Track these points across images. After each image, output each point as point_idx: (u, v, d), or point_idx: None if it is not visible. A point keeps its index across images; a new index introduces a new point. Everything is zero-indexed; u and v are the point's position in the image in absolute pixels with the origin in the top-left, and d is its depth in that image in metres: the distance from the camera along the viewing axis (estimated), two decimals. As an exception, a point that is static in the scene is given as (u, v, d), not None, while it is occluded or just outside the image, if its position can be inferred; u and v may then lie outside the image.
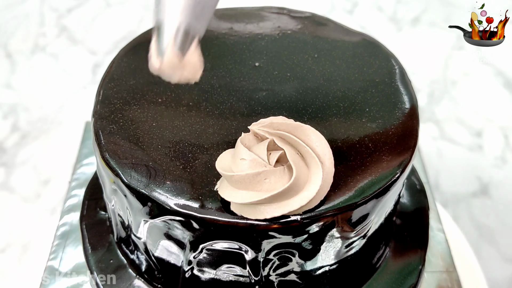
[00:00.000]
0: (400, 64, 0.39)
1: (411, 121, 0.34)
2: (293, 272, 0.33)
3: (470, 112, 0.73)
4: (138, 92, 0.36)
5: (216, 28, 0.42)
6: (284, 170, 0.28)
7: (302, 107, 0.35)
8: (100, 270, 0.38)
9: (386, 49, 0.41)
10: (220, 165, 0.29)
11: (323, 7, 0.92)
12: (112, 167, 0.31)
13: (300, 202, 0.27)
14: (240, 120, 0.34)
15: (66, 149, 0.65)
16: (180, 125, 0.34)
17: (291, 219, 0.28)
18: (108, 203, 0.37)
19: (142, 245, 0.35)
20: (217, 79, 0.37)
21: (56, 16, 0.90)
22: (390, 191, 0.31)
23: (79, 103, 0.73)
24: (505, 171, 0.64)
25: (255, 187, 0.27)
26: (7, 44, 0.84)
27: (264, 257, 0.31)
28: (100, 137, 0.33)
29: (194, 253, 0.32)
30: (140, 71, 0.38)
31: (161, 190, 0.29)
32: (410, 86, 0.37)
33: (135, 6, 0.93)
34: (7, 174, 0.62)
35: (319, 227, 0.29)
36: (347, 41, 0.41)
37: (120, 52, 0.41)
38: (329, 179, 0.29)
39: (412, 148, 0.33)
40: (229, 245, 0.30)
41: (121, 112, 0.34)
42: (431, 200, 0.45)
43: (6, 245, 0.55)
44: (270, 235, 0.29)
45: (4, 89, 0.75)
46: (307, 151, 0.28)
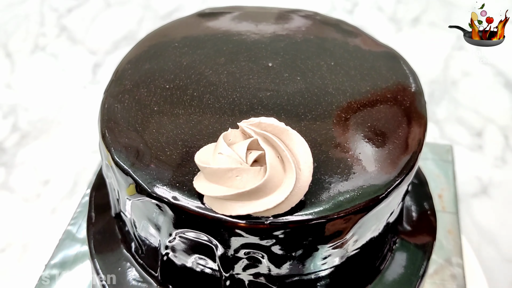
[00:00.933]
0: (418, 83, 0.37)
1: (412, 144, 0.33)
2: (263, 275, 0.33)
3: (470, 112, 0.73)
4: (149, 76, 0.37)
5: (240, 24, 0.43)
6: (259, 171, 0.28)
7: (302, 112, 0.34)
8: (96, 240, 0.41)
9: (408, 66, 0.39)
10: (200, 156, 0.29)
11: (323, 7, 0.92)
12: (106, 143, 0.33)
13: (267, 204, 0.27)
14: (238, 116, 0.34)
15: (66, 149, 0.65)
16: (179, 113, 0.34)
17: (259, 221, 0.28)
18: (106, 178, 0.38)
19: (129, 223, 0.37)
20: (227, 74, 0.37)
21: (56, 16, 0.90)
22: (375, 209, 0.30)
23: (79, 103, 0.73)
24: (505, 171, 0.64)
25: (225, 183, 0.28)
26: (7, 44, 0.84)
27: (233, 254, 0.31)
28: (104, 113, 0.35)
29: (169, 238, 0.33)
30: (158, 56, 0.39)
31: (143, 171, 0.31)
32: (423, 108, 0.36)
33: (135, 6, 0.93)
34: (7, 174, 0.62)
35: (287, 234, 0.29)
36: (369, 52, 0.40)
37: (146, 36, 0.42)
38: (304, 187, 0.28)
39: (406, 170, 0.31)
40: (200, 236, 0.31)
41: (128, 93, 0.36)
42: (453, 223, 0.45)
43: (6, 245, 0.55)
44: (237, 233, 0.29)
45: (4, 89, 0.75)
46: (286, 156, 0.28)
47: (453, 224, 0.50)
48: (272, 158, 0.28)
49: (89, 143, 0.65)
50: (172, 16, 0.91)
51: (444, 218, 0.50)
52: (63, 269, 0.46)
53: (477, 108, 0.73)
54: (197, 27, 0.43)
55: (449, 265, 0.46)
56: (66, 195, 0.60)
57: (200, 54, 0.39)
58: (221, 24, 0.43)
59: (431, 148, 0.59)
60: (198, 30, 0.42)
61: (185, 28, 0.43)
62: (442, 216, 0.50)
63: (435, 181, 0.54)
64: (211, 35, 0.42)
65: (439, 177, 0.55)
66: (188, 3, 0.94)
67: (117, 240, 0.40)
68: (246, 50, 0.40)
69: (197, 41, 0.41)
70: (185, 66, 0.38)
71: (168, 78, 0.37)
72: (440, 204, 0.52)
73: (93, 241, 0.41)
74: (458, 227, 0.50)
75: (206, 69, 0.38)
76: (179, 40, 0.41)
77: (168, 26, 0.43)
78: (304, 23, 0.43)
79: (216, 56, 0.39)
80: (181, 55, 0.40)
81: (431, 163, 0.57)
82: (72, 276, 0.45)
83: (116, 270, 0.39)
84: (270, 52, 0.40)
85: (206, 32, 0.42)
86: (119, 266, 0.39)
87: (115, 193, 0.37)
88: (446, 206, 0.52)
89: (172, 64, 0.39)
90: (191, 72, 0.38)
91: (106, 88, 0.37)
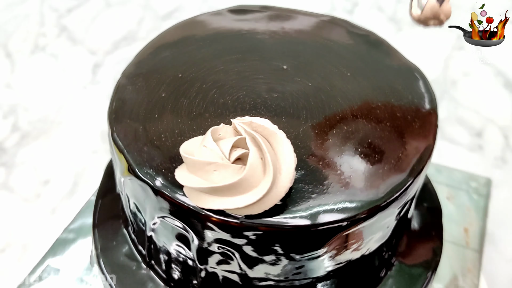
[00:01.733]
0: (434, 106, 0.36)
1: (409, 168, 0.31)
2: (236, 274, 0.33)
3: (470, 112, 0.73)
4: (165, 64, 0.38)
5: (266, 24, 0.43)
6: (239, 169, 0.28)
7: (304, 117, 0.34)
8: (100, 213, 0.43)
9: (428, 87, 0.38)
10: (186, 146, 0.30)
11: (323, 7, 0.92)
12: (110, 121, 0.34)
13: (239, 203, 0.27)
14: (239, 114, 0.34)
15: (66, 149, 0.65)
16: (184, 103, 0.35)
17: (230, 218, 0.28)
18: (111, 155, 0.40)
19: (124, 201, 0.38)
20: (237, 71, 0.38)
21: (56, 16, 0.90)
22: (355, 227, 0.29)
23: (79, 103, 0.73)
24: (505, 171, 0.64)
25: (203, 175, 0.28)
26: (7, 44, 0.84)
27: (207, 247, 0.31)
28: (115, 92, 0.36)
29: (152, 220, 0.34)
30: (178, 46, 0.40)
31: (135, 152, 0.32)
32: (432, 132, 0.34)
33: (135, 6, 0.93)
34: (7, 174, 0.62)
35: (258, 236, 0.29)
36: (389, 67, 0.39)
37: (176, 24, 0.43)
38: (280, 192, 0.28)
39: (395, 193, 0.30)
40: (177, 224, 0.31)
41: (142, 77, 0.37)
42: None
43: (6, 245, 0.55)
44: (209, 226, 0.29)
45: (4, 89, 0.75)
46: (267, 158, 0.28)
47: (474, 263, 0.47)
48: (254, 158, 0.28)
49: (89, 143, 0.65)
50: (172, 16, 0.91)
51: (466, 255, 0.48)
52: (78, 236, 0.49)
53: (477, 108, 0.73)
54: (222, 23, 0.43)
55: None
56: (66, 195, 0.60)
57: (217, 49, 0.40)
58: (246, 22, 0.43)
59: (468, 177, 0.56)
60: (222, 26, 0.43)
61: (211, 22, 0.43)
62: (464, 252, 0.48)
63: (464, 213, 0.51)
64: (233, 31, 0.42)
65: (469, 210, 0.52)
66: (188, 3, 0.94)
67: (118, 216, 0.42)
68: (262, 50, 0.40)
69: (217, 36, 0.41)
70: (199, 59, 0.39)
71: (181, 68, 0.38)
72: (465, 238, 0.49)
73: (98, 214, 0.43)
74: (479, 266, 0.47)
75: (218, 64, 0.38)
76: (202, 33, 0.42)
77: (197, 18, 0.44)
78: (330, 30, 0.43)
79: (231, 53, 0.39)
80: (199, 48, 0.40)
81: (464, 194, 0.54)
82: (86, 243, 0.48)
83: (111, 244, 0.41)
84: (287, 55, 0.39)
85: (228, 28, 0.42)
86: (115, 240, 0.41)
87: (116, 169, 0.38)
88: (470, 242, 0.49)
89: (188, 55, 0.39)
90: (203, 65, 0.38)
91: (124, 69, 0.39)
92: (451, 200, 0.52)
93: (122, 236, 0.41)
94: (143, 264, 0.39)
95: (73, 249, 0.48)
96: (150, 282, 0.38)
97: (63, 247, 0.48)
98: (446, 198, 0.53)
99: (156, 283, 0.38)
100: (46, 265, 0.47)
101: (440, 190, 0.52)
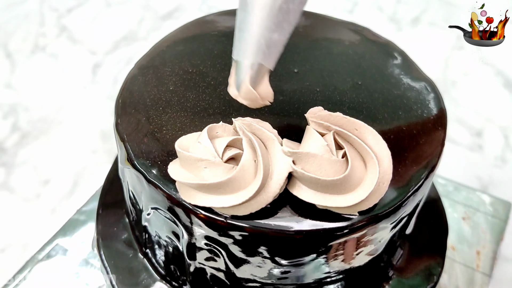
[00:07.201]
0: (443, 123, 0.35)
1: (402, 187, 0.30)
2: (223, 272, 0.33)
3: (470, 112, 0.73)
4: (178, 57, 0.39)
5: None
6: (230, 169, 0.28)
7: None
8: (105, 200, 0.45)
9: (440, 103, 0.37)
10: (181, 141, 0.30)
11: (323, 7, 0.92)
12: (117, 109, 0.35)
13: (225, 202, 0.27)
14: (243, 113, 0.34)
15: (66, 149, 0.65)
16: (190, 97, 0.35)
17: (217, 216, 0.28)
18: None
19: (125, 188, 0.39)
20: None
21: (56, 16, 0.90)
22: (341, 239, 0.29)
23: (79, 103, 0.73)
24: (505, 171, 0.64)
25: (193, 171, 0.28)
26: (7, 44, 0.84)
27: (195, 242, 0.32)
28: (126, 81, 0.37)
29: (146, 211, 0.34)
30: (194, 41, 0.41)
31: (135, 143, 0.32)
32: (436, 152, 0.33)
33: (135, 6, 0.93)
34: (7, 174, 0.62)
35: (244, 237, 0.29)
36: (404, 79, 0.38)
37: (195, 19, 0.44)
38: (268, 197, 0.28)
39: (387, 211, 0.29)
40: (168, 216, 0.32)
41: (153, 69, 0.38)
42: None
43: (6, 245, 0.55)
44: (197, 222, 0.30)
45: (4, 89, 0.75)
46: (259, 161, 0.28)
47: (482, 287, 0.47)
48: (247, 160, 0.28)
49: (89, 143, 0.65)
50: (172, 16, 0.91)
51: (475, 277, 0.47)
52: (89, 218, 0.50)
53: (477, 108, 0.73)
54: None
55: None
56: (66, 195, 0.59)
57: (232, 46, 0.40)
58: None
59: (487, 199, 0.55)
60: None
61: (230, 20, 0.43)
62: (474, 274, 0.47)
63: (479, 236, 0.51)
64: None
65: (485, 233, 0.51)
66: (188, 3, 0.94)
67: (121, 204, 0.42)
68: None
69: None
70: (213, 55, 0.39)
71: (195, 62, 0.38)
72: (476, 261, 0.49)
73: (103, 201, 0.44)
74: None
75: (231, 62, 0.38)
76: (220, 29, 0.42)
77: (218, 14, 0.44)
78: (349, 37, 0.42)
79: None
80: (215, 43, 0.40)
81: (482, 216, 0.53)
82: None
83: (112, 230, 0.42)
84: (301, 59, 0.39)
85: None
86: (116, 226, 0.42)
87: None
88: (481, 266, 0.48)
89: (203, 50, 0.40)
90: (217, 61, 0.38)
91: (138, 60, 0.39)
92: (467, 220, 0.51)
93: (123, 224, 0.42)
94: (139, 253, 0.40)
95: (82, 231, 0.50)
96: (144, 272, 0.39)
97: (73, 228, 0.50)
98: (461, 218, 0.52)
99: (150, 273, 0.39)
100: (56, 243, 0.48)
101: (457, 209, 0.52)
